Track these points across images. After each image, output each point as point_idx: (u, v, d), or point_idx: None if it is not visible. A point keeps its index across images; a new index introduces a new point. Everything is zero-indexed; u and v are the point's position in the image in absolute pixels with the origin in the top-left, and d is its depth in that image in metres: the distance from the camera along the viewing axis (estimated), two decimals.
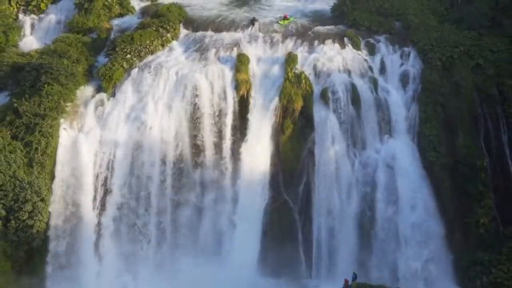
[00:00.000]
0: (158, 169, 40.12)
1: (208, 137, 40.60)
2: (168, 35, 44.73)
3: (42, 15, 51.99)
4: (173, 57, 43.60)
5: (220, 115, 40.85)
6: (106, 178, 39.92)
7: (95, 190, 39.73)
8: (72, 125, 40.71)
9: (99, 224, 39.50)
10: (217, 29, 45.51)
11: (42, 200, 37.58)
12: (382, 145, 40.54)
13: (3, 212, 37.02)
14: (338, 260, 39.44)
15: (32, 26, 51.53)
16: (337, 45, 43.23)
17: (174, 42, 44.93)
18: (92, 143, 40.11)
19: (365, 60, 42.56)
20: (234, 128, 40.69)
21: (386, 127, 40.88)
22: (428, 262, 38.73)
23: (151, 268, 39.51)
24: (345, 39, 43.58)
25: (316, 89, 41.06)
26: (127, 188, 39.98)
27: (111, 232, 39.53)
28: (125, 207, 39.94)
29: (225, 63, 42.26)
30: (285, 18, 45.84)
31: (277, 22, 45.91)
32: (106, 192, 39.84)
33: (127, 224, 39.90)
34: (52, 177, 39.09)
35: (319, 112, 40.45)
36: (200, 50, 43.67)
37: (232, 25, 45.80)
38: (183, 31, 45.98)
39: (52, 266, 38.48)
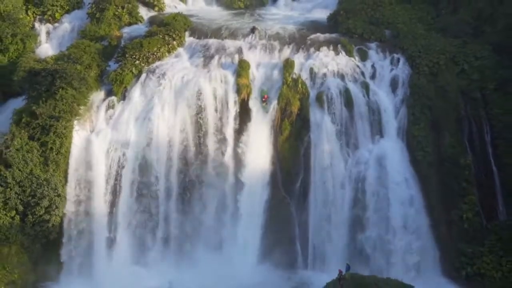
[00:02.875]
0: (165, 167, 40.07)
1: (211, 137, 40.57)
2: (174, 42, 44.75)
3: (56, 24, 51.99)
4: (179, 63, 43.55)
5: (222, 116, 40.86)
6: (116, 175, 39.83)
7: (107, 186, 39.65)
8: (84, 126, 40.72)
9: (110, 217, 39.49)
10: (220, 37, 45.46)
11: (58, 196, 37.65)
12: (374, 145, 40.57)
13: (21, 207, 37.09)
14: (333, 252, 39.47)
15: (48, 34, 51.58)
16: (331, 52, 43.28)
17: (180, 49, 44.92)
18: (103, 143, 40.07)
19: (358, 66, 42.65)
20: (235, 129, 40.65)
21: (377, 128, 40.90)
22: (417, 254, 38.73)
23: (159, 258, 39.58)
24: (339, 46, 43.65)
25: (312, 93, 41.13)
26: (136, 184, 39.91)
27: (121, 225, 39.49)
28: (134, 201, 39.88)
29: (227, 69, 42.28)
30: (264, 99, 41.17)
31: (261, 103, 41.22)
32: (117, 187, 39.79)
33: (137, 217, 39.88)
34: (66, 174, 39.12)
35: (314, 114, 40.52)
36: (204, 56, 43.66)
37: (233, 33, 45.82)
38: (188, 39, 45.91)
39: (67, 257, 38.55)
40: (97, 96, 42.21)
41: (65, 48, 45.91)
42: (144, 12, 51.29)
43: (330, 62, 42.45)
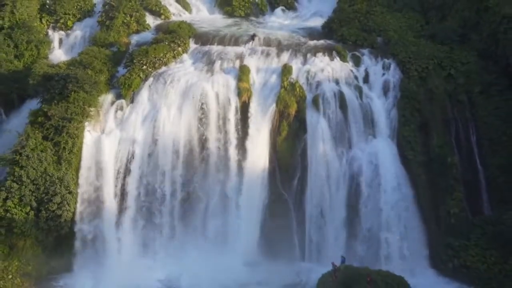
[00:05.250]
0: (170, 165, 40.08)
1: (214, 137, 40.61)
2: (179, 48, 44.78)
3: (69, 31, 52.02)
4: (184, 68, 43.60)
5: (224, 118, 40.87)
6: (125, 173, 39.88)
7: (116, 183, 39.71)
8: (95, 127, 40.77)
9: (119, 212, 39.49)
10: (222, 44, 45.53)
11: (70, 192, 37.71)
12: (367, 145, 40.56)
13: (35, 204, 37.16)
14: (328, 245, 39.47)
15: (60, 41, 51.61)
16: (327, 58, 43.32)
17: (184, 55, 44.98)
18: (112, 143, 40.11)
19: (351, 70, 42.64)
20: (237, 130, 40.70)
21: (369, 129, 40.90)
22: (407, 247, 38.76)
23: (164, 251, 39.56)
24: (334, 52, 43.66)
25: (309, 96, 41.13)
26: (143, 181, 39.94)
27: (130, 219, 39.52)
28: (141, 197, 39.91)
29: (229, 73, 42.32)
30: None
31: None
32: (125, 185, 39.83)
33: (144, 212, 39.89)
34: (78, 172, 39.14)
35: (311, 116, 40.52)
36: (207, 62, 43.74)
37: (235, 40, 45.85)
38: (192, 45, 45.97)
39: (78, 250, 38.59)
40: (107, 99, 42.23)
41: (76, 54, 46.04)
42: (151, 20, 51.34)
43: (326, 67, 42.46)
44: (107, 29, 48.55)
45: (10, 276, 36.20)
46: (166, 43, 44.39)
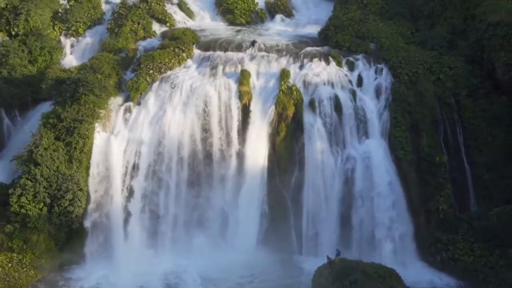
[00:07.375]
0: (175, 164, 40.19)
1: (216, 137, 40.76)
2: (184, 54, 44.87)
3: (80, 38, 52.06)
4: (188, 72, 43.65)
5: (226, 120, 41.03)
6: (132, 171, 40.03)
7: (124, 181, 39.78)
8: (104, 128, 40.83)
9: (126, 208, 39.60)
10: (224, 49, 45.51)
11: (81, 190, 37.85)
12: (360, 145, 40.70)
13: (48, 200, 37.40)
14: (324, 239, 39.63)
15: (72, 47, 51.66)
16: (322, 63, 43.38)
17: (189, 60, 44.98)
18: (121, 143, 40.23)
19: (346, 75, 42.71)
20: (238, 131, 40.82)
21: (363, 130, 40.99)
22: (398, 241, 38.94)
23: (169, 244, 39.72)
24: (330, 58, 43.71)
25: (305, 99, 41.24)
26: (149, 179, 40.08)
27: (137, 215, 39.59)
28: (148, 194, 40.10)
29: (230, 77, 42.44)
30: None
31: None
32: (132, 182, 39.88)
33: (150, 208, 40.05)
34: (88, 170, 39.32)
35: (308, 118, 40.68)
36: (210, 66, 43.79)
37: (236, 46, 45.83)
38: (196, 51, 45.95)
39: (88, 243, 38.78)
40: (116, 101, 42.31)
41: (87, 60, 46.12)
42: (157, 28, 51.37)
43: (322, 72, 42.53)
44: (116, 35, 48.69)
45: (24, 269, 36.45)
46: (171, 49, 44.51)
